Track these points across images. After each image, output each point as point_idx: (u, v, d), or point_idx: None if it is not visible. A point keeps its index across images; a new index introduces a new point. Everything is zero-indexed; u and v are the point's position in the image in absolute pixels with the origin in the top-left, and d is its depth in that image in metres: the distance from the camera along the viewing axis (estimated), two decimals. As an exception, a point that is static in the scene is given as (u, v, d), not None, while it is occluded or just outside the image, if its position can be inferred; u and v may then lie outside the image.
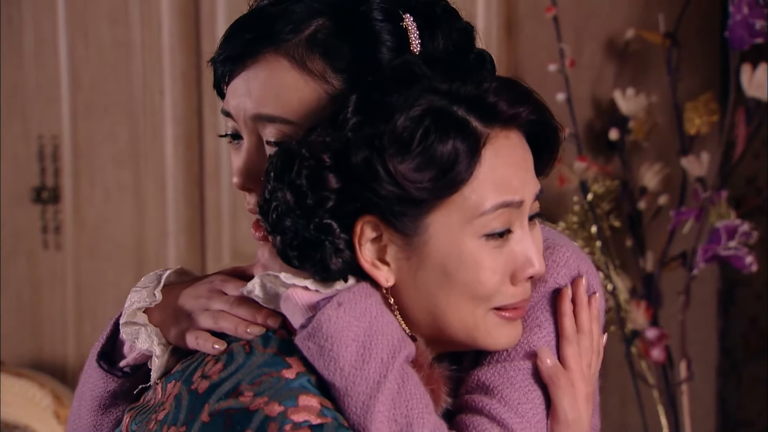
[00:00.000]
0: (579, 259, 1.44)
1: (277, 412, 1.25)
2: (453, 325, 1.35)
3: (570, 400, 1.36)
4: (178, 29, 3.48)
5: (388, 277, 1.34)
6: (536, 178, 1.37)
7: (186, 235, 3.56)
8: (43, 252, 3.72)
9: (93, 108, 3.61)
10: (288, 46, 1.38)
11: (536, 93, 1.36)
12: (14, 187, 3.73)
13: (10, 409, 3.36)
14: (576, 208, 3.02)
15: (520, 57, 3.04)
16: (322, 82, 1.37)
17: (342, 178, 1.30)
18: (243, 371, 1.31)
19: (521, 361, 1.37)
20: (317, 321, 1.30)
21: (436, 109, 1.30)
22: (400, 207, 1.30)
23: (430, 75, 1.32)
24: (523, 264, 1.35)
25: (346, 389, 1.29)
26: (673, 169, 3.02)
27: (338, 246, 1.31)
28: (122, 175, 3.59)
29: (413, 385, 1.30)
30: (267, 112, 1.39)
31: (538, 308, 1.40)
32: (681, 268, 2.99)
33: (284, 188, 1.31)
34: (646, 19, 3.03)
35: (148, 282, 1.50)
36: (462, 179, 1.29)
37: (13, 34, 3.69)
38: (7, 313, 3.80)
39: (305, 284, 1.33)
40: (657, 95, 3.01)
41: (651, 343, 2.95)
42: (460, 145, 1.29)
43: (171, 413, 1.33)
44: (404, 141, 1.28)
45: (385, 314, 1.32)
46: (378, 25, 1.37)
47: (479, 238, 1.32)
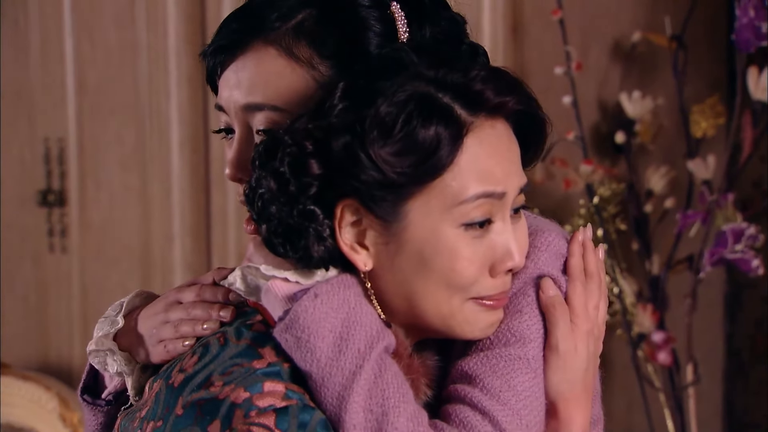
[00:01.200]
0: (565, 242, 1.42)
1: (242, 398, 1.26)
2: (429, 313, 1.34)
3: (564, 331, 1.35)
4: (184, 32, 3.48)
5: (367, 261, 1.33)
6: (522, 171, 1.36)
7: (192, 238, 3.56)
8: (49, 255, 3.72)
9: (99, 110, 3.61)
10: (276, 35, 1.39)
11: (525, 84, 1.35)
12: (20, 190, 3.74)
13: (16, 412, 3.35)
14: (582, 211, 3.01)
15: (526, 60, 3.03)
16: (309, 69, 1.38)
17: (325, 164, 1.30)
18: (216, 362, 1.31)
19: (503, 348, 1.35)
20: (294, 312, 1.30)
21: (421, 94, 1.29)
22: (380, 192, 1.30)
23: (417, 62, 1.31)
24: (503, 256, 1.34)
25: (322, 380, 1.28)
26: (680, 172, 3.02)
27: (321, 233, 1.31)
28: (128, 177, 3.60)
29: (391, 375, 1.30)
30: (255, 101, 1.39)
31: (519, 294, 1.38)
32: (687, 271, 2.99)
33: (268, 176, 1.31)
34: (652, 21, 3.03)
35: (111, 311, 1.53)
36: (443, 165, 1.29)
37: (19, 37, 3.70)
38: (13, 316, 3.80)
39: (285, 276, 1.33)
40: (663, 98, 3.01)
41: (657, 347, 2.95)
42: (443, 131, 1.28)
43: (151, 409, 1.34)
44: (386, 126, 1.28)
45: (363, 305, 1.32)
46: (364, 11, 1.38)
47: (458, 227, 1.31)
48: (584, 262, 1.40)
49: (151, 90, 3.52)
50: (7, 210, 3.76)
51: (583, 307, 1.38)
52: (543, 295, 1.37)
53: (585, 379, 1.38)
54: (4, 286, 3.81)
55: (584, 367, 1.37)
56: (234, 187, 3.45)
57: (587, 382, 1.39)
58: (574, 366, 1.36)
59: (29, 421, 3.34)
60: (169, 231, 3.56)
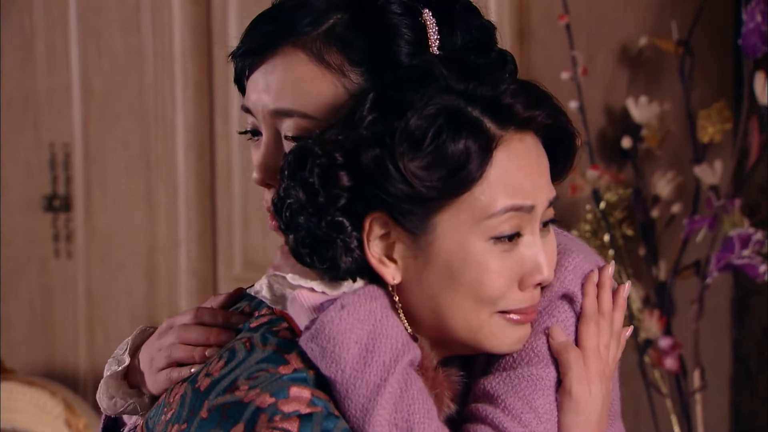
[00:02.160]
0: (591, 265, 1.42)
1: (267, 403, 1.26)
2: (457, 327, 1.34)
3: (577, 374, 1.35)
4: (189, 37, 3.48)
5: (395, 274, 1.33)
6: (551, 184, 1.36)
7: (197, 243, 3.56)
8: (55, 260, 3.72)
9: (105, 116, 3.61)
10: (306, 39, 1.37)
11: (555, 98, 1.35)
12: (26, 195, 3.74)
13: (22, 417, 3.35)
14: (588, 217, 3.00)
15: (533, 64, 3.02)
16: (339, 75, 1.36)
17: (354, 176, 1.30)
18: (242, 367, 1.32)
19: (525, 368, 1.36)
20: (320, 322, 1.30)
21: (450, 108, 1.29)
22: (408, 205, 1.29)
23: (447, 75, 1.31)
24: (532, 270, 1.34)
25: (346, 391, 1.28)
26: (686, 178, 3.01)
27: (349, 244, 1.31)
28: (134, 183, 3.60)
29: (416, 389, 1.30)
30: (285, 106, 1.38)
31: (545, 314, 1.38)
32: (694, 277, 2.98)
33: (297, 186, 1.31)
34: (659, 26, 3.02)
35: (119, 350, 1.53)
36: (472, 179, 1.29)
37: (26, 42, 3.70)
38: (19, 321, 3.80)
39: (311, 285, 1.33)
40: (670, 103, 3.00)
41: (664, 353, 2.94)
42: (472, 144, 1.28)
43: (176, 412, 1.34)
44: (416, 139, 1.28)
45: (389, 317, 1.32)
46: (395, 19, 1.37)
47: (487, 240, 1.31)
48: (599, 300, 1.39)
49: (157, 95, 3.52)
50: (12, 215, 3.76)
51: (595, 349, 1.37)
52: (553, 342, 1.36)
53: (599, 421, 1.37)
54: (9, 291, 3.81)
55: (598, 409, 1.36)
56: (240, 192, 3.49)
57: (601, 424, 1.38)
58: (588, 409, 1.36)
59: (35, 427, 3.33)
60: (174, 236, 3.56)
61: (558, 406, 1.35)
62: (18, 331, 3.79)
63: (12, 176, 3.75)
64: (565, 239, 1.44)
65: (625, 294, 1.41)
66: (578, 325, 1.38)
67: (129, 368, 1.51)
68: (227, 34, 3.39)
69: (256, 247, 3.44)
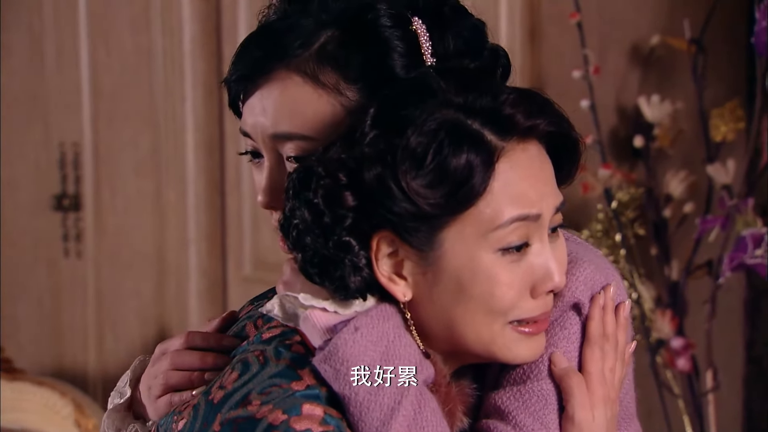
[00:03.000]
0: (601, 276, 1.41)
1: (280, 420, 1.26)
2: (469, 340, 1.34)
3: (580, 401, 1.34)
4: (199, 36, 3.49)
5: (405, 291, 1.32)
6: (557, 190, 1.35)
7: (207, 243, 3.56)
8: (64, 260, 3.72)
9: (114, 115, 3.62)
10: (298, 61, 1.37)
11: (555, 104, 1.34)
12: (35, 195, 3.74)
13: (31, 418, 3.33)
14: (600, 216, 2.99)
15: (544, 64, 3.02)
16: (336, 95, 1.36)
17: (358, 195, 1.29)
18: (255, 381, 1.32)
19: (536, 383, 1.36)
20: (333, 345, 1.29)
21: (450, 122, 1.28)
22: (414, 223, 1.29)
23: (445, 88, 1.30)
24: (543, 277, 1.33)
25: (360, 414, 1.28)
26: (699, 177, 3.00)
27: (357, 264, 1.30)
28: (143, 182, 3.60)
29: (430, 411, 1.30)
30: (284, 130, 1.38)
31: (556, 325, 1.38)
32: (707, 277, 2.97)
33: (302, 207, 1.31)
34: (671, 25, 3.01)
35: (121, 382, 1.54)
36: (476, 193, 1.28)
37: (35, 42, 3.71)
38: (28, 321, 3.81)
39: (323, 306, 1.32)
40: (682, 102, 2.99)
41: (676, 353, 2.94)
42: (474, 158, 1.27)
43: (189, 423, 1.34)
44: (417, 156, 1.27)
45: (402, 338, 1.32)
46: (387, 32, 1.36)
47: (495, 252, 1.30)
48: (602, 322, 1.39)
49: (166, 94, 3.52)
50: (21, 214, 3.77)
51: (599, 373, 1.37)
52: (555, 368, 1.36)
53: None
54: (18, 290, 3.82)
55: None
56: (250, 191, 3.48)
57: None
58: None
59: (44, 427, 3.32)
60: (184, 236, 3.56)
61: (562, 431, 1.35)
62: (27, 331, 3.80)
63: (21, 175, 3.76)
64: (578, 247, 1.43)
65: (626, 312, 1.41)
66: (583, 350, 1.38)
67: (132, 400, 1.52)
68: (237, 33, 3.40)
69: (266, 247, 3.44)
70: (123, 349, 3.64)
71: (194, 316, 3.55)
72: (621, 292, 1.42)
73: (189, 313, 3.57)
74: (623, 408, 1.43)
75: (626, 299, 1.42)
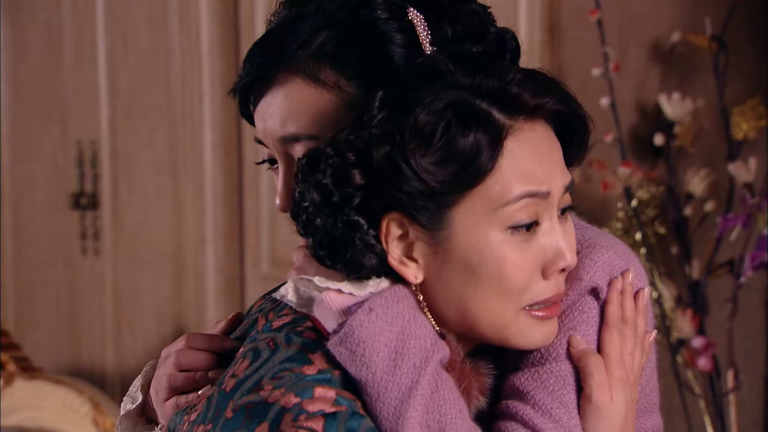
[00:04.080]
0: (621, 261, 1.41)
1: (292, 403, 1.27)
2: (482, 323, 1.34)
3: (598, 380, 1.34)
4: (217, 34, 3.48)
5: (417, 273, 1.33)
6: (566, 170, 1.36)
7: (225, 241, 3.56)
8: (82, 258, 3.73)
9: (132, 113, 3.62)
10: (298, 63, 1.39)
11: (563, 84, 1.35)
12: (53, 193, 3.75)
13: (49, 417, 3.36)
14: (620, 215, 2.99)
15: (564, 61, 3.03)
16: (337, 92, 1.38)
17: (367, 174, 1.30)
18: (266, 367, 1.32)
19: (555, 364, 1.36)
20: (349, 326, 1.30)
21: (458, 102, 1.29)
22: (422, 201, 1.30)
23: (453, 70, 1.31)
24: (554, 256, 1.33)
25: (378, 395, 1.28)
26: (720, 175, 3.00)
27: (368, 242, 1.31)
28: (161, 180, 3.60)
29: (447, 389, 1.30)
30: (291, 132, 1.39)
31: (575, 309, 1.38)
32: (728, 276, 2.96)
33: (311, 188, 1.32)
34: (692, 22, 3.01)
35: (133, 387, 1.55)
36: (484, 171, 1.29)
37: (53, 40, 3.72)
38: (46, 320, 3.81)
39: (339, 287, 1.33)
40: (703, 100, 2.99)
41: (697, 352, 2.94)
42: (482, 137, 1.28)
43: (202, 413, 1.35)
44: (426, 135, 1.28)
45: (417, 318, 1.32)
46: (383, 25, 1.38)
47: (504, 230, 1.31)
48: (621, 307, 1.39)
49: (184, 92, 3.52)
50: (39, 213, 3.78)
51: (618, 355, 1.37)
52: (573, 350, 1.36)
53: (624, 427, 1.37)
54: (36, 289, 3.83)
55: (622, 415, 1.36)
56: (267, 189, 3.48)
57: (626, 430, 1.37)
58: (610, 415, 1.35)
59: (62, 426, 3.34)
60: (201, 234, 3.56)
61: (580, 413, 1.35)
62: (45, 329, 3.81)
63: (39, 174, 3.77)
64: (594, 233, 1.44)
65: (646, 299, 1.41)
66: (601, 332, 1.38)
67: (145, 405, 1.53)
68: (255, 30, 3.39)
69: (284, 245, 3.43)
70: (140, 348, 3.65)
71: (212, 315, 3.56)
72: (641, 278, 1.43)
73: (206, 311, 3.58)
74: (644, 397, 1.43)
75: (646, 285, 1.42)
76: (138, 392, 1.53)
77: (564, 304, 1.38)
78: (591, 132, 1.38)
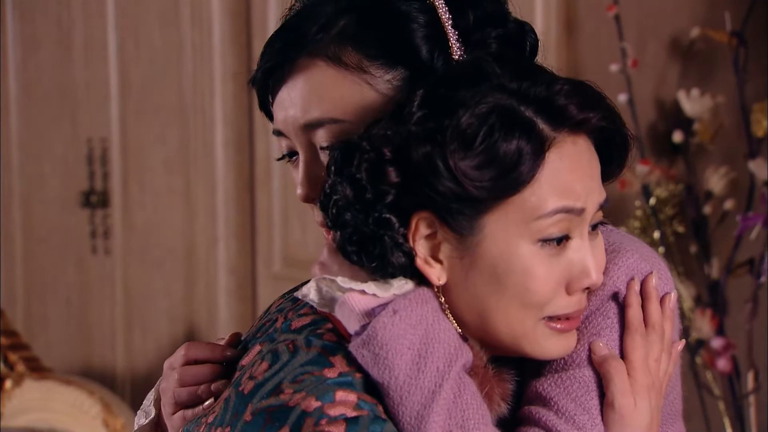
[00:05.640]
0: (647, 264, 1.40)
1: (313, 407, 1.26)
2: (500, 331, 1.33)
3: (620, 387, 1.33)
4: (229, 30, 3.49)
5: (440, 275, 1.32)
6: (602, 187, 1.34)
7: (236, 240, 3.56)
8: (92, 257, 3.74)
9: (142, 110, 3.63)
10: (320, 46, 1.37)
11: (608, 98, 1.34)
12: (63, 191, 3.77)
13: (59, 417, 3.36)
14: (638, 213, 2.99)
15: (581, 57, 3.03)
16: (360, 73, 1.36)
17: (402, 172, 1.29)
18: (286, 370, 1.31)
19: (578, 370, 1.35)
20: (372, 328, 1.29)
21: (503, 107, 1.28)
22: (457, 205, 1.28)
23: (499, 73, 1.30)
24: (579, 274, 1.32)
25: (401, 398, 1.28)
26: (740, 173, 2.98)
27: (397, 240, 1.30)
28: (172, 178, 3.61)
29: (470, 395, 1.29)
30: (314, 117, 1.38)
31: (598, 314, 1.37)
32: (748, 275, 2.94)
33: (344, 182, 1.31)
34: (711, 17, 3.00)
35: (146, 400, 1.55)
36: (524, 181, 1.27)
37: (63, 36, 3.74)
38: (56, 319, 3.83)
39: (362, 288, 1.32)
40: (723, 96, 2.97)
41: (717, 353, 2.93)
42: (525, 145, 1.27)
43: (219, 415, 1.35)
44: (467, 138, 1.27)
45: (441, 321, 1.31)
46: (404, 6, 1.37)
47: (534, 243, 1.30)
48: (646, 312, 1.38)
49: (196, 89, 3.53)
50: (49, 211, 3.80)
51: (641, 361, 1.35)
52: (594, 356, 1.35)
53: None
54: (46, 288, 3.86)
55: (646, 422, 1.35)
56: (279, 187, 3.46)
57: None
58: (633, 422, 1.34)
59: (72, 427, 3.35)
60: (213, 233, 3.57)
61: (603, 419, 1.34)
62: (55, 329, 3.82)
63: (49, 172, 3.79)
64: (620, 237, 1.42)
65: (672, 304, 1.39)
66: (623, 338, 1.36)
67: (159, 418, 1.52)
68: (267, 27, 3.39)
69: (296, 244, 3.42)
70: (151, 348, 3.66)
71: (223, 315, 3.56)
72: (667, 282, 1.41)
73: (218, 311, 3.59)
74: (667, 404, 1.41)
75: (673, 290, 1.40)
76: (151, 406, 1.52)
77: (587, 310, 1.36)
78: (631, 150, 1.36)
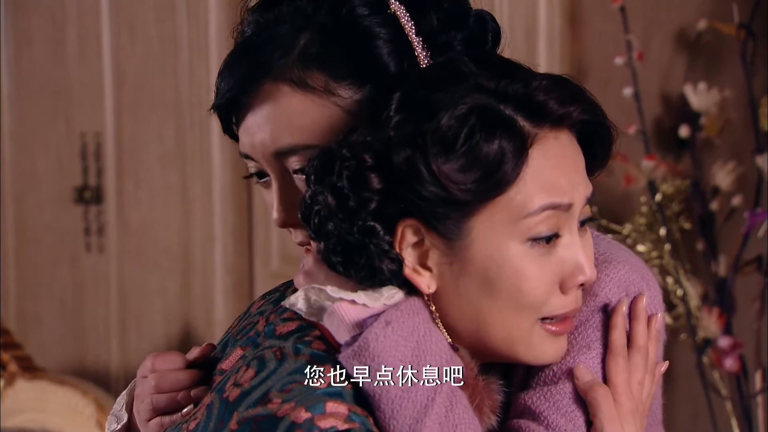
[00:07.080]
0: (638, 276, 1.40)
1: (303, 418, 1.24)
2: (496, 336, 1.33)
3: (607, 414, 1.33)
4: (226, 25, 3.49)
5: (430, 283, 1.31)
6: (588, 180, 1.34)
7: (233, 238, 3.57)
8: (86, 255, 3.74)
9: (138, 106, 3.65)
10: (283, 70, 1.35)
11: (588, 91, 1.33)
12: (57, 187, 3.78)
13: (53, 418, 3.36)
14: (644, 210, 2.96)
15: (586, 50, 3.00)
16: (328, 95, 1.34)
17: (384, 178, 1.28)
18: (273, 378, 1.30)
19: (567, 383, 1.35)
20: (364, 339, 1.28)
21: (482, 107, 1.27)
22: (442, 209, 1.28)
23: (477, 72, 1.29)
24: (573, 271, 1.32)
25: (392, 412, 1.27)
26: (748, 168, 2.96)
27: (383, 248, 1.29)
28: (168, 175, 3.62)
29: (462, 408, 1.29)
30: (285, 145, 1.36)
31: (588, 326, 1.37)
32: (756, 273, 2.93)
33: (325, 191, 1.29)
34: (719, 9, 2.99)
35: (117, 405, 1.53)
36: (508, 180, 1.27)
37: (57, 31, 3.77)
38: (50, 318, 3.84)
39: (353, 298, 1.30)
40: (730, 90, 2.96)
41: (724, 353, 2.92)
42: (507, 144, 1.26)
43: (202, 422, 1.34)
44: (448, 140, 1.26)
45: (433, 332, 1.31)
46: (366, 21, 1.35)
47: (524, 242, 1.29)
48: (632, 333, 1.37)
49: (192, 85, 3.54)
50: (43, 208, 3.82)
51: (625, 385, 1.35)
52: (578, 382, 1.35)
53: None
54: (40, 287, 3.89)
55: None
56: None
57: None
58: None
59: (65, 428, 3.35)
60: (210, 231, 3.59)
61: None
62: (48, 328, 3.83)
63: (43, 167, 3.81)
64: (610, 246, 1.43)
65: (659, 324, 1.39)
66: (606, 361, 1.36)
67: (131, 423, 1.51)
68: (265, 20, 3.37)
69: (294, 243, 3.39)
70: (147, 348, 3.68)
71: (220, 314, 3.57)
72: (655, 301, 1.41)
73: (215, 310, 3.60)
74: (650, 415, 1.41)
75: (660, 310, 1.40)
76: (122, 411, 1.50)
77: (576, 320, 1.36)
78: (615, 142, 1.36)
